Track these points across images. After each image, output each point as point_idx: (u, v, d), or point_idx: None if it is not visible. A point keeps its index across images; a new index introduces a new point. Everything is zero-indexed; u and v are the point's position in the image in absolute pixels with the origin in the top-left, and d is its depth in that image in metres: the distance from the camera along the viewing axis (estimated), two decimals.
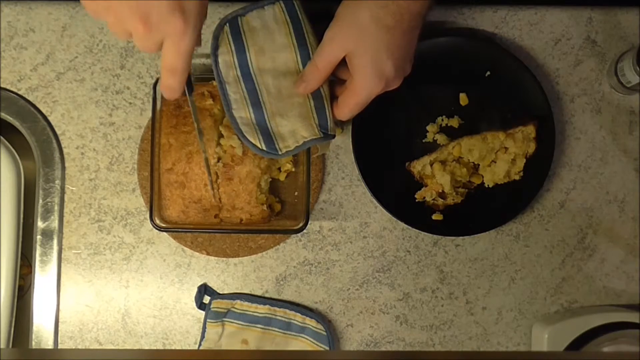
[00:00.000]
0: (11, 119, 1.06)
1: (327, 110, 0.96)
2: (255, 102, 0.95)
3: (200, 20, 0.80)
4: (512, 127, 1.03)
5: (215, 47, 0.96)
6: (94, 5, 0.79)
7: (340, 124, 0.99)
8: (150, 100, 1.02)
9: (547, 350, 1.02)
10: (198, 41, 0.83)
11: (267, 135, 0.95)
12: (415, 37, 0.93)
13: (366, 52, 0.90)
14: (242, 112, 0.95)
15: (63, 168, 1.06)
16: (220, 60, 0.96)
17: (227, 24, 0.97)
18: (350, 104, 0.94)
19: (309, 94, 0.95)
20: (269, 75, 0.96)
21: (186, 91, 0.87)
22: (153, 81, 1.00)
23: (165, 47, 0.80)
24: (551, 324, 1.03)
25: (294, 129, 0.95)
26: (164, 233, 1.05)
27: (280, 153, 0.94)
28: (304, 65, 0.96)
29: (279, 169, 1.05)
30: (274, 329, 1.05)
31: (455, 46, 1.05)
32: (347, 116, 0.96)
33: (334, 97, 0.97)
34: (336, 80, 0.96)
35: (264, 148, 0.94)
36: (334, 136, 0.96)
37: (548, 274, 1.07)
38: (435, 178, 1.03)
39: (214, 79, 1.02)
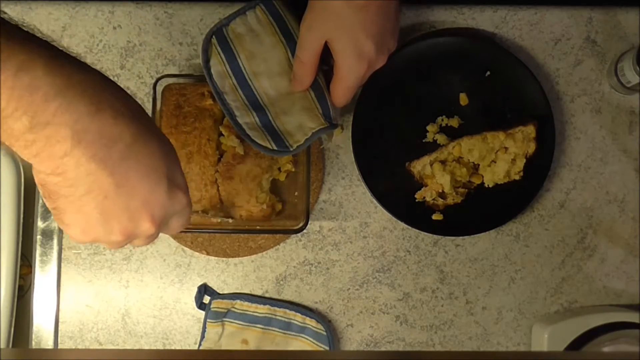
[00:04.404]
0: None
1: (327, 99, 0.96)
2: (257, 106, 0.96)
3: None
4: (512, 127, 1.03)
5: (206, 60, 0.97)
6: (98, 237, 0.70)
7: (340, 115, 0.99)
8: (150, 100, 1.02)
9: (547, 350, 1.02)
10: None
11: (276, 134, 0.95)
12: (393, 11, 0.93)
13: (344, 35, 0.90)
14: (246, 118, 0.95)
15: None
16: (213, 71, 0.97)
17: (214, 36, 0.97)
18: (340, 89, 0.94)
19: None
20: (264, 77, 0.96)
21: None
22: (153, 81, 1.00)
23: (174, 225, 0.75)
24: (551, 324, 1.03)
25: (300, 123, 0.95)
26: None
27: (291, 149, 0.94)
28: None
29: (279, 169, 1.05)
30: (274, 329, 1.05)
31: (455, 46, 1.05)
32: (342, 102, 0.96)
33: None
34: (329, 69, 0.96)
35: (275, 148, 0.94)
36: (337, 125, 0.96)
37: (548, 274, 1.07)
38: (435, 178, 1.03)
39: None
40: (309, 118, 0.95)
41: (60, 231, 1.05)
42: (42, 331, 1.05)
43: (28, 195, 1.08)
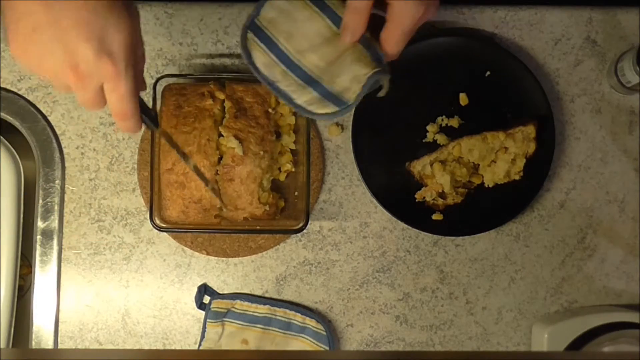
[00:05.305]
0: (11, 119, 1.06)
1: (375, 46, 0.92)
2: (311, 81, 0.93)
3: (133, 61, 0.79)
4: (512, 127, 1.03)
5: (249, 56, 0.95)
6: (28, 64, 0.78)
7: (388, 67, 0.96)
8: (150, 100, 1.02)
9: (547, 350, 1.02)
10: (141, 85, 0.82)
11: (334, 97, 0.91)
12: None
13: None
14: (304, 96, 0.92)
15: (63, 168, 1.06)
16: (259, 64, 0.94)
17: (248, 30, 0.96)
18: (395, 34, 0.89)
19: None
20: (309, 52, 0.93)
21: (151, 125, 0.88)
22: (153, 81, 1.00)
23: (107, 94, 0.79)
24: (551, 324, 1.03)
25: (353, 75, 0.91)
26: (164, 233, 1.05)
27: (351, 102, 0.91)
28: (336, 25, 0.92)
29: (279, 169, 1.05)
30: (274, 329, 1.05)
31: (455, 46, 1.05)
32: (395, 49, 0.91)
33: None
34: (378, 19, 0.91)
35: (337, 109, 0.91)
36: (389, 72, 0.92)
37: (548, 274, 1.07)
38: (435, 178, 1.03)
39: (214, 80, 1.02)
40: (361, 66, 0.91)
41: (60, 231, 1.05)
42: (42, 331, 1.05)
43: (28, 195, 1.08)
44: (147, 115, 0.87)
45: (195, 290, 1.06)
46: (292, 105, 0.93)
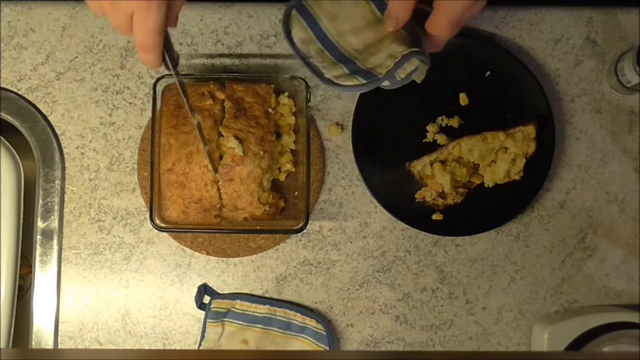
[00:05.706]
0: (11, 119, 1.06)
1: (417, 30, 0.90)
2: (345, 59, 0.92)
3: None
4: (512, 127, 1.03)
5: (288, 32, 0.94)
6: None
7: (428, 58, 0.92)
8: (150, 100, 1.02)
9: (547, 350, 1.02)
10: (171, 21, 0.83)
11: (365, 73, 0.90)
12: None
13: None
14: (335, 72, 0.91)
15: (63, 168, 1.06)
16: (296, 40, 0.93)
17: (294, 9, 0.95)
18: (442, 22, 0.87)
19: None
20: (350, 35, 0.92)
21: (169, 65, 0.88)
22: (153, 81, 1.00)
23: (134, 23, 0.81)
24: (551, 324, 1.03)
25: (389, 53, 0.90)
26: (164, 233, 1.05)
27: (381, 76, 0.89)
28: (380, 11, 0.91)
29: (279, 169, 1.05)
30: (274, 329, 1.05)
31: (455, 46, 1.05)
32: (440, 37, 0.89)
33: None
34: (423, 12, 0.90)
35: (364, 81, 0.89)
36: (428, 57, 0.89)
37: (548, 274, 1.07)
38: (435, 178, 1.03)
39: (214, 80, 1.02)
40: (398, 45, 0.90)
41: (60, 231, 1.05)
42: (42, 331, 1.05)
43: (28, 195, 1.08)
44: (169, 55, 0.86)
45: (195, 290, 1.06)
46: (321, 80, 0.91)
